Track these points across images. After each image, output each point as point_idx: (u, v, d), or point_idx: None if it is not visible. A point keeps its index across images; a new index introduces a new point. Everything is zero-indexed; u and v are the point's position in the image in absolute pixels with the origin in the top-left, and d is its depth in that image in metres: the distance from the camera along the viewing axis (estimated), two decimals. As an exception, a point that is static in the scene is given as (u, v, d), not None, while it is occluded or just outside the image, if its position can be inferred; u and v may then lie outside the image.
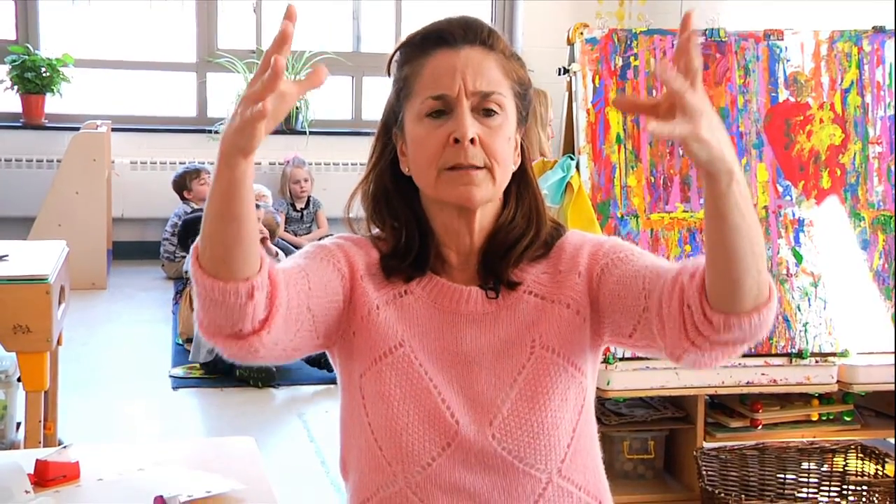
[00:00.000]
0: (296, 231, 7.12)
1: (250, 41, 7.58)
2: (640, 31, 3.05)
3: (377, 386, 1.45)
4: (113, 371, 4.63)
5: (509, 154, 1.47)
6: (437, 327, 1.48)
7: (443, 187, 1.44)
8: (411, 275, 1.50)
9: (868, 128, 3.11)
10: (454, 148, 1.42)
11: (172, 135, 7.31)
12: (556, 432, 1.45)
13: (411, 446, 1.43)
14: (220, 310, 1.28)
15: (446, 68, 1.45)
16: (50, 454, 1.76)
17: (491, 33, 1.48)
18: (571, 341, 1.47)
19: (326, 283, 1.44)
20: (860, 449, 3.00)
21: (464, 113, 1.42)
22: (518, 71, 1.50)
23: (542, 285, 1.50)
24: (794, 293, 3.02)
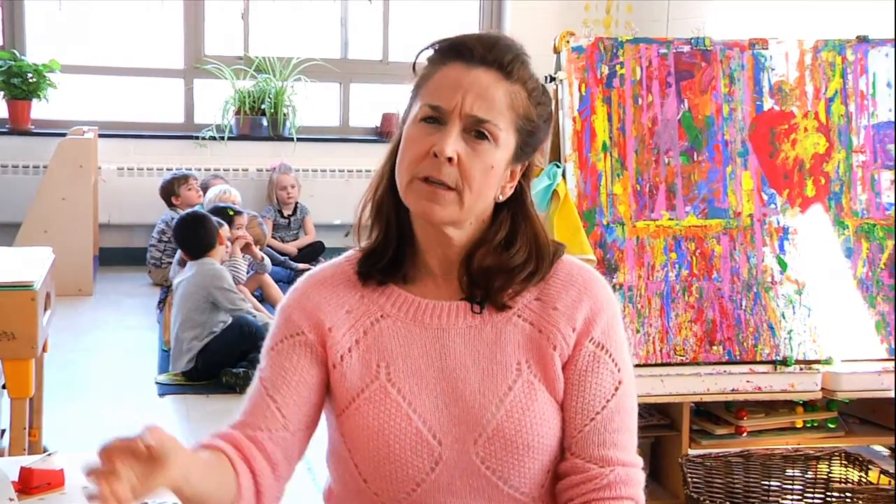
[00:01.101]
0: (283, 238, 7.12)
1: (238, 48, 7.59)
2: (626, 39, 3.06)
3: (356, 422, 1.45)
4: (99, 378, 4.61)
5: (487, 182, 1.44)
6: (420, 345, 1.48)
7: (410, 195, 1.43)
8: (383, 280, 1.50)
9: (852, 136, 3.13)
10: (432, 161, 1.41)
11: (159, 141, 7.31)
12: (539, 456, 1.45)
13: (396, 475, 1.43)
14: None
15: (451, 83, 1.43)
16: (34, 462, 1.75)
17: (514, 60, 1.45)
18: (554, 380, 1.48)
19: (299, 382, 1.47)
20: (844, 456, 3.00)
21: (451, 130, 1.41)
22: (529, 109, 1.46)
23: (532, 311, 1.49)
24: (779, 301, 3.04)
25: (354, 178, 7.53)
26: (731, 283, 3.03)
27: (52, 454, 1.79)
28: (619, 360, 1.50)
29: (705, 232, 3.04)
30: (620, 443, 1.48)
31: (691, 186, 3.05)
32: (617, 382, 1.49)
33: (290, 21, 7.73)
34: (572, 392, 1.48)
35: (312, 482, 3.45)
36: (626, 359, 1.52)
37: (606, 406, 1.47)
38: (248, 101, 7.37)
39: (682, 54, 3.07)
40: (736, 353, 3.00)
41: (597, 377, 1.48)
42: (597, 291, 1.51)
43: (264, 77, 7.40)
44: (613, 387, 1.49)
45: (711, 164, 3.06)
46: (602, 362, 1.48)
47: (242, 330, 4.55)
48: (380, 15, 7.80)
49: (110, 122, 7.27)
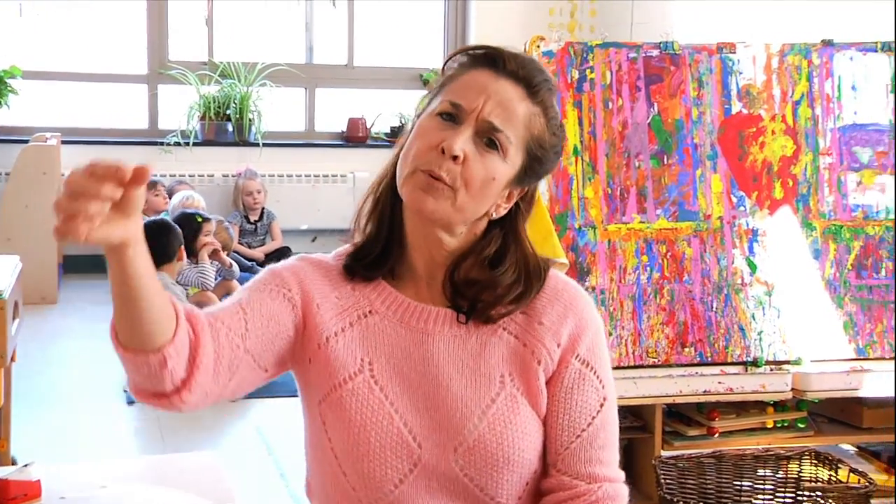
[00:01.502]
0: (250, 243, 7.09)
1: (202, 53, 7.55)
2: (595, 43, 3.08)
3: (338, 413, 1.45)
4: (66, 387, 4.57)
5: (487, 192, 1.44)
6: (404, 346, 1.48)
7: (407, 186, 1.43)
8: (367, 275, 1.50)
9: (819, 139, 3.17)
10: (437, 155, 1.41)
11: (124, 147, 7.25)
12: (519, 469, 1.46)
13: (374, 472, 1.43)
14: (138, 375, 1.31)
15: (478, 85, 1.44)
16: (11, 473, 1.74)
17: (542, 83, 1.47)
18: (537, 394, 1.49)
19: (271, 316, 1.45)
20: (814, 455, 3.03)
21: (465, 130, 1.42)
22: (544, 133, 1.48)
23: (517, 325, 1.50)
24: (749, 302, 3.06)
25: (321, 184, 7.52)
26: (701, 286, 3.05)
27: (29, 465, 1.77)
28: (603, 377, 1.52)
29: (676, 235, 3.06)
30: (605, 459, 1.51)
31: (662, 189, 3.07)
32: (602, 399, 1.51)
33: (254, 26, 7.70)
34: (558, 409, 1.49)
35: (286, 489, 3.45)
36: (609, 374, 1.54)
37: (592, 423, 1.49)
38: (213, 107, 7.34)
39: (652, 58, 3.10)
40: (707, 354, 3.03)
41: (582, 394, 1.49)
42: (582, 308, 1.52)
43: (229, 82, 7.37)
44: (599, 403, 1.51)
45: (681, 167, 3.09)
46: (587, 379, 1.50)
47: None
48: (345, 19, 7.80)
49: (73, 128, 7.20)
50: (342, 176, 7.57)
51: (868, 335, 3.11)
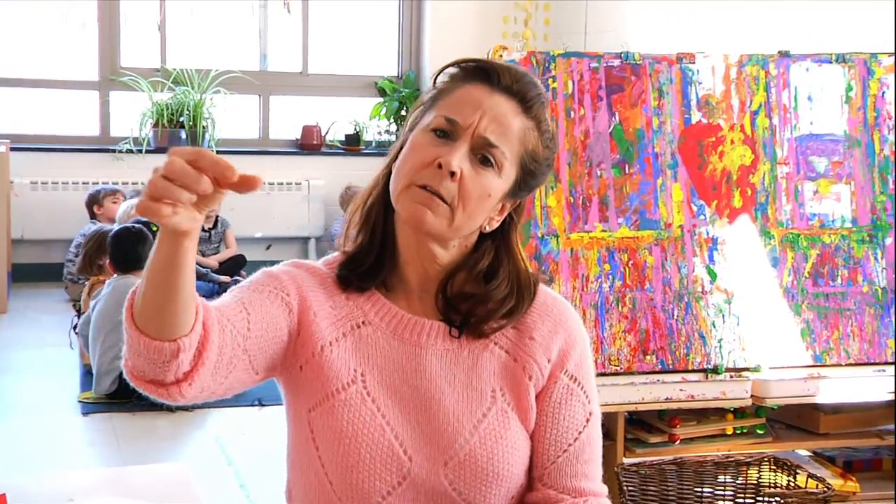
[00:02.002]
0: (204, 251, 7.03)
1: (155, 59, 7.48)
2: (557, 53, 3.09)
3: (328, 422, 1.44)
4: (18, 398, 4.50)
5: (482, 208, 1.45)
6: (397, 358, 1.47)
7: (403, 200, 1.43)
8: (361, 285, 1.49)
9: (776, 149, 3.21)
10: (434, 171, 1.41)
11: (75, 154, 7.18)
12: (507, 484, 1.47)
13: (363, 483, 1.42)
14: (143, 360, 1.27)
15: (472, 101, 1.44)
16: (-24, 487, 1.71)
17: (536, 98, 1.47)
18: (527, 409, 1.49)
19: (270, 319, 1.42)
20: (773, 461, 3.07)
21: (461, 147, 1.42)
22: (538, 147, 1.48)
23: (508, 339, 1.51)
24: (710, 310, 3.09)
25: (276, 192, 7.49)
26: (663, 294, 3.08)
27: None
28: (589, 392, 1.53)
29: (637, 243, 3.08)
30: (591, 473, 1.52)
31: (623, 198, 3.09)
32: (588, 413, 1.53)
33: (208, 32, 7.65)
34: (545, 423, 1.50)
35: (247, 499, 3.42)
36: (594, 390, 1.55)
37: (578, 437, 1.51)
38: (167, 114, 7.28)
39: (613, 68, 3.12)
40: (668, 362, 3.05)
41: (570, 409, 1.51)
42: (571, 324, 1.53)
43: (182, 89, 7.31)
44: (585, 418, 1.52)
45: (642, 175, 3.11)
46: (575, 395, 1.51)
47: None
48: (299, 26, 7.77)
49: (22, 135, 7.11)
50: (297, 184, 7.54)
51: (825, 342, 3.16)
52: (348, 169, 7.67)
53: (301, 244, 7.69)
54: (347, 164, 7.71)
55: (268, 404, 4.30)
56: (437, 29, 7.83)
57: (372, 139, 7.95)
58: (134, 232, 4.79)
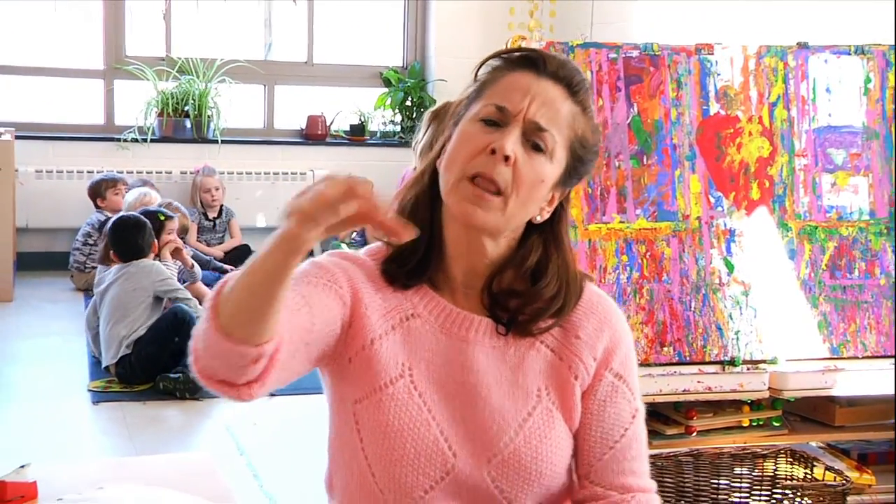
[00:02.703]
0: (208, 241, 7.03)
1: (160, 48, 7.46)
2: (576, 44, 3.08)
3: (375, 416, 1.44)
4: (27, 386, 4.49)
5: (535, 195, 1.44)
6: (444, 353, 1.46)
7: (454, 196, 1.42)
8: (408, 282, 1.48)
9: (794, 141, 3.20)
10: (487, 157, 1.40)
11: (79, 143, 7.16)
12: (549, 482, 1.47)
13: (406, 478, 1.42)
14: (220, 362, 1.27)
15: (521, 87, 1.44)
16: (8, 474, 1.70)
17: (581, 84, 1.48)
18: (571, 409, 1.49)
19: (328, 313, 1.42)
20: (789, 453, 3.07)
21: (512, 132, 1.41)
22: (586, 131, 1.48)
23: (554, 338, 1.50)
24: (727, 302, 3.09)
25: (280, 181, 7.47)
26: (680, 285, 3.07)
27: (25, 466, 1.74)
28: (634, 389, 1.54)
29: (655, 234, 3.07)
30: (637, 469, 1.52)
31: (641, 189, 3.08)
32: (634, 410, 1.53)
33: (213, 22, 7.63)
34: (591, 421, 1.50)
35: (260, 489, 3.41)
36: (638, 386, 1.56)
37: (625, 434, 1.51)
38: (171, 103, 7.26)
39: (632, 59, 3.11)
40: (685, 353, 3.05)
41: (615, 407, 1.51)
42: (616, 322, 1.54)
43: (187, 78, 7.29)
44: (631, 415, 1.52)
45: (660, 167, 3.10)
46: (620, 392, 1.52)
47: (176, 318, 4.47)
48: (304, 16, 7.75)
49: (28, 123, 7.09)
50: (301, 174, 7.53)
51: (841, 335, 3.15)
52: (353, 159, 7.65)
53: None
54: (352, 155, 7.70)
55: (277, 394, 4.28)
56: (443, 19, 7.81)
57: (377, 129, 7.94)
58: (132, 221, 4.79)
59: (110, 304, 4.54)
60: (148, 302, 4.55)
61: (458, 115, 1.49)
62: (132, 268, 4.60)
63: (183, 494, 1.76)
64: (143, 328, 4.49)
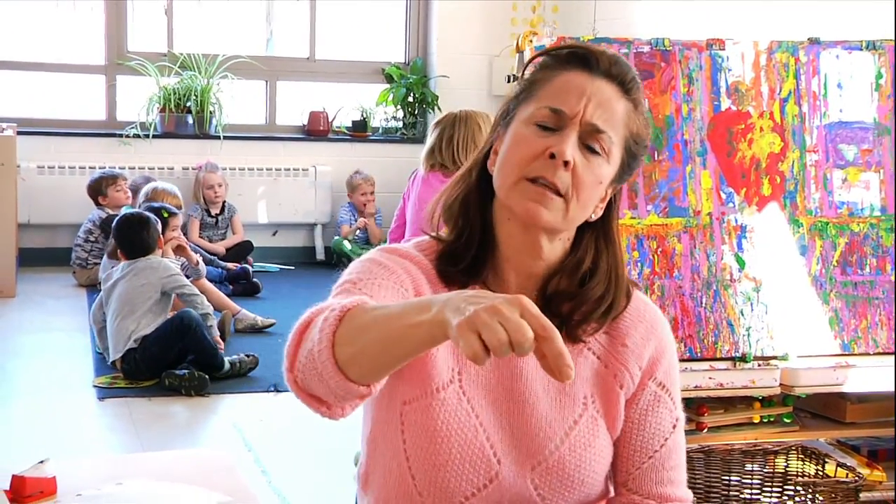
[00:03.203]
0: (211, 237, 7.01)
1: (162, 44, 7.44)
2: (587, 38, 3.07)
3: (423, 419, 1.42)
4: (32, 382, 4.48)
5: (593, 197, 1.43)
6: (494, 359, 1.45)
7: (515, 196, 1.40)
8: (465, 281, 1.46)
9: (805, 136, 3.19)
10: (546, 161, 1.38)
11: (81, 139, 7.15)
12: (590, 490, 1.46)
13: (449, 483, 1.41)
14: (322, 386, 1.25)
15: (576, 87, 1.41)
16: (26, 469, 1.69)
17: (634, 80, 1.45)
18: (615, 417, 1.48)
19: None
20: (800, 450, 3.06)
21: (570, 135, 1.39)
22: (640, 127, 1.46)
23: (602, 346, 1.49)
24: (738, 298, 3.08)
25: (282, 177, 7.46)
26: (691, 281, 3.06)
27: (44, 462, 1.72)
28: (676, 399, 1.53)
29: (666, 230, 3.07)
30: (676, 479, 1.52)
31: (652, 185, 3.07)
32: (675, 420, 1.52)
33: (215, 17, 7.61)
34: (632, 430, 1.49)
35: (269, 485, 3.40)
36: (679, 395, 1.54)
37: (665, 444, 1.50)
38: (174, 99, 7.24)
39: (643, 54, 3.10)
40: (697, 350, 3.04)
41: (656, 417, 1.50)
42: (662, 331, 1.52)
43: (189, 74, 7.28)
44: (672, 425, 1.51)
45: (671, 163, 3.09)
46: (662, 402, 1.50)
47: (183, 323, 4.46)
48: (306, 12, 7.73)
49: (29, 118, 7.07)
50: (304, 170, 7.51)
51: (853, 331, 3.15)
52: (355, 155, 7.65)
53: (308, 230, 7.66)
54: (354, 151, 7.69)
55: (283, 390, 4.28)
56: (445, 15, 7.79)
57: (379, 125, 7.93)
58: (136, 218, 4.79)
59: (118, 299, 4.53)
60: (155, 297, 4.55)
61: (509, 114, 1.47)
62: (140, 263, 4.59)
63: (202, 490, 1.75)
64: (150, 325, 4.48)
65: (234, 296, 5.92)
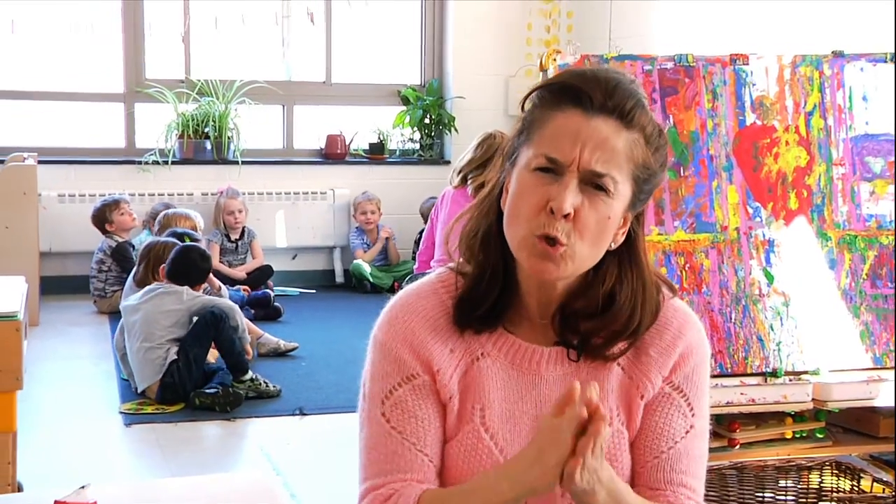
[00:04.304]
0: (230, 262, 7.02)
1: (179, 70, 7.48)
2: (611, 56, 3.08)
3: (448, 461, 1.45)
4: (59, 409, 4.48)
5: (604, 234, 1.39)
6: (517, 390, 1.44)
7: (524, 253, 1.39)
8: (480, 328, 1.45)
9: (832, 149, 3.18)
10: (548, 217, 1.36)
11: (101, 166, 7.18)
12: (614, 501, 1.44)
13: None
14: None
15: (570, 133, 1.37)
16: (68, 494, 1.69)
17: (634, 107, 1.38)
18: (635, 428, 1.48)
19: (433, 425, 1.44)
20: (835, 465, 3.04)
21: (569, 184, 1.36)
22: (647, 157, 1.40)
23: (627, 358, 1.47)
24: (767, 313, 3.06)
25: (300, 201, 7.48)
26: (720, 297, 3.05)
27: (85, 487, 1.72)
28: (695, 405, 1.48)
29: (694, 246, 3.06)
30: (689, 484, 1.47)
31: (679, 201, 3.07)
32: (689, 426, 1.47)
33: (231, 43, 7.65)
34: (642, 429, 1.47)
35: None
36: (703, 405, 1.50)
37: (674, 447, 1.46)
38: (192, 125, 7.27)
39: (666, 70, 3.10)
40: (727, 366, 3.02)
41: (664, 416, 1.47)
42: (690, 334, 1.48)
43: (207, 100, 7.31)
44: (684, 430, 1.47)
45: (698, 178, 3.09)
46: (674, 404, 1.47)
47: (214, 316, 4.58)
48: (322, 36, 7.76)
49: (49, 147, 7.11)
50: (322, 193, 7.53)
51: (885, 344, 3.12)
52: (373, 178, 7.66)
53: (327, 253, 7.67)
54: (372, 173, 7.70)
55: (309, 413, 4.28)
56: (460, 37, 7.81)
57: (396, 148, 7.94)
58: (200, 252, 4.89)
59: (141, 327, 4.53)
60: (182, 321, 4.56)
61: (513, 151, 1.45)
62: (161, 289, 4.60)
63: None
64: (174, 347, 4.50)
65: (256, 320, 5.92)
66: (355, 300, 6.83)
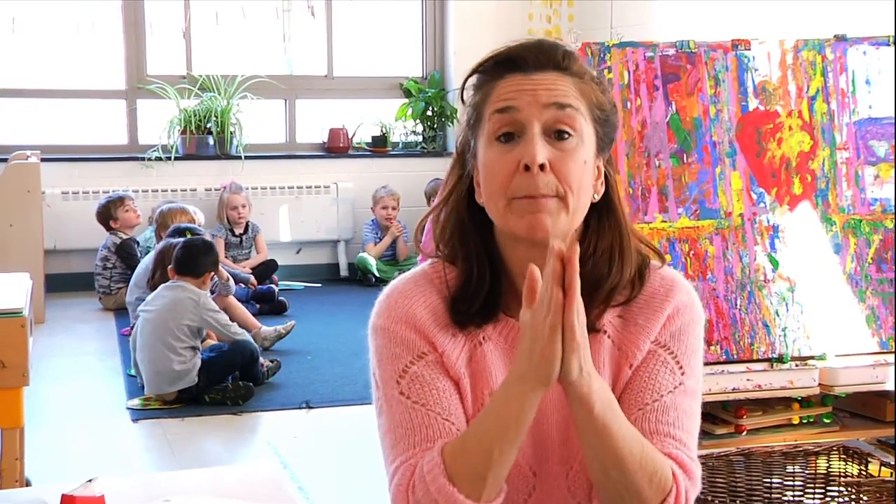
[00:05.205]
0: (235, 257, 7.02)
1: (180, 66, 7.48)
2: (612, 43, 3.07)
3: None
4: (66, 405, 4.49)
5: (586, 180, 1.39)
6: None
7: (512, 218, 1.37)
8: (480, 322, 1.45)
9: (835, 134, 3.17)
10: (524, 176, 1.35)
11: (104, 163, 7.18)
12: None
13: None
14: None
15: (516, 88, 1.38)
16: (75, 488, 1.69)
17: (566, 55, 1.41)
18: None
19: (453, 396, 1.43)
20: (842, 450, 3.03)
21: (534, 135, 1.35)
22: (597, 94, 1.42)
23: (615, 328, 1.45)
24: (772, 298, 3.06)
25: (304, 195, 7.48)
26: (725, 283, 3.04)
27: (93, 480, 1.72)
28: (683, 363, 1.45)
29: (698, 233, 3.05)
30: (677, 436, 1.40)
31: (682, 188, 3.06)
32: (677, 383, 1.43)
33: (232, 38, 7.64)
34: (627, 387, 1.44)
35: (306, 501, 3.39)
36: (694, 365, 1.47)
37: (660, 400, 1.41)
38: (194, 121, 7.27)
39: (668, 57, 3.09)
40: (733, 352, 3.02)
41: (649, 371, 1.43)
42: (677, 298, 1.46)
43: (209, 95, 7.30)
44: (672, 385, 1.43)
45: (701, 165, 3.08)
46: (661, 360, 1.44)
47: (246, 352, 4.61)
48: (323, 30, 7.76)
49: (52, 145, 7.11)
50: (325, 187, 7.53)
51: (890, 328, 3.12)
52: (376, 170, 7.66)
53: (331, 247, 7.67)
54: (375, 166, 7.70)
55: (315, 406, 4.28)
56: (461, 28, 7.80)
57: (399, 140, 7.94)
58: (204, 242, 4.89)
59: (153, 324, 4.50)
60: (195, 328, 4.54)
61: (471, 146, 1.44)
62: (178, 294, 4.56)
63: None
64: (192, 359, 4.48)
65: (261, 315, 5.93)
66: (360, 293, 6.83)
